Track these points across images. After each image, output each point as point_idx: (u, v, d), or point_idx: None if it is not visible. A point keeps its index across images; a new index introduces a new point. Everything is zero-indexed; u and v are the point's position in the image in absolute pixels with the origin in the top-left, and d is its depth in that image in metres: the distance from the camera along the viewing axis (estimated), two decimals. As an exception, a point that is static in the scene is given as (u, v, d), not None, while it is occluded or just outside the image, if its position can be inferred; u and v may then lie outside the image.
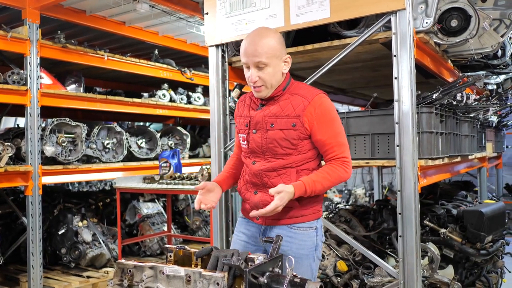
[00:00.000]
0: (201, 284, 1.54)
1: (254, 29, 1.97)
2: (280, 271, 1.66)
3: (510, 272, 3.88)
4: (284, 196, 1.79)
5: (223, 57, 2.86)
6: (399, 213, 2.27)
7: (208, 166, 3.72)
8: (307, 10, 2.44)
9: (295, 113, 1.88)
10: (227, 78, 2.89)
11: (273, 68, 1.88)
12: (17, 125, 7.15)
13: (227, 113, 2.91)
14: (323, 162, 2.01)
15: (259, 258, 1.68)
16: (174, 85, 5.63)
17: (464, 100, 2.56)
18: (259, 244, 2.04)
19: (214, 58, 2.86)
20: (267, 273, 1.57)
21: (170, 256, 1.86)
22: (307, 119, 1.87)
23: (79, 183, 7.48)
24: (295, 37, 2.77)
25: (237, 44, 2.92)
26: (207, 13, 2.83)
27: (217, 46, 2.84)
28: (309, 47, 2.60)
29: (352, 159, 2.67)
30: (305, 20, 2.46)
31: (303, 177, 1.88)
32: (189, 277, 1.58)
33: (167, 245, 1.88)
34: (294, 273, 1.56)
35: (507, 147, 6.73)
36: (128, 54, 4.93)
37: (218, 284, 1.51)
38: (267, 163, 1.93)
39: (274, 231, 1.97)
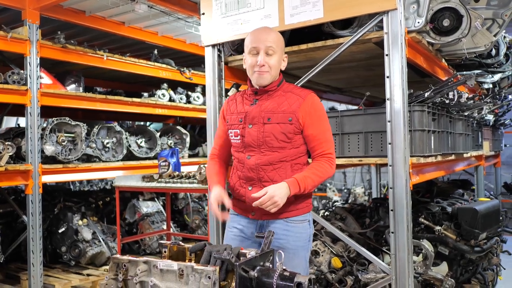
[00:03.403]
0: (193, 277, 1.58)
1: (259, 27, 2.16)
2: (270, 265, 1.69)
3: (505, 269, 3.91)
4: (274, 190, 1.87)
5: (219, 56, 2.90)
6: (391, 210, 2.31)
7: (206, 165, 3.76)
8: (301, 10, 2.48)
9: (291, 109, 2.00)
10: (223, 78, 2.93)
11: (278, 58, 2.03)
12: (18, 124, 7.21)
13: (223, 112, 2.94)
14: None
15: (250, 253, 1.72)
16: (173, 85, 5.67)
17: (456, 99, 2.59)
18: (254, 239, 2.07)
19: (210, 58, 2.90)
20: (258, 267, 1.61)
21: (165, 252, 1.90)
22: (302, 114, 2.00)
23: (80, 182, 7.54)
24: (289, 37, 2.80)
25: (233, 44, 2.96)
26: (203, 14, 2.87)
27: (213, 46, 2.88)
28: (303, 46, 2.63)
29: (346, 157, 2.73)
30: (299, 20, 2.50)
31: (295, 174, 1.98)
32: (182, 271, 1.62)
33: (162, 241, 1.92)
34: (284, 267, 1.60)
35: (505, 145, 6.75)
36: (128, 54, 4.98)
37: (209, 277, 1.54)
38: (264, 157, 2.01)
39: (271, 225, 2.04)
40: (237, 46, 2.97)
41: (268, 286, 1.56)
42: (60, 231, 4.64)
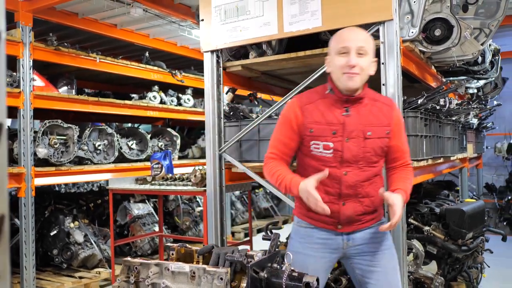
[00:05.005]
0: (206, 279, 1.64)
1: (348, 27, 1.98)
2: (278, 266, 1.77)
3: (489, 267, 4.06)
4: (401, 205, 1.79)
5: (217, 62, 2.95)
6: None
7: (200, 167, 3.81)
8: (300, 19, 2.55)
9: (387, 121, 1.89)
10: (221, 83, 2.98)
11: (369, 61, 1.85)
12: (8, 127, 7.10)
13: (222, 116, 3.00)
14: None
15: (258, 254, 1.79)
16: (164, 87, 5.70)
17: (447, 105, 2.71)
18: (340, 251, 1.96)
19: (209, 63, 2.95)
20: (267, 268, 1.68)
21: (172, 254, 1.96)
22: (393, 125, 1.90)
23: (66, 184, 7.47)
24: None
25: (230, 50, 3.02)
26: (202, 20, 2.92)
27: (212, 51, 2.93)
28: (301, 54, 2.70)
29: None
30: (298, 28, 2.57)
31: (399, 186, 1.89)
32: (194, 273, 1.68)
33: (169, 244, 1.97)
34: (292, 268, 1.68)
35: (487, 147, 6.99)
36: (120, 57, 5.00)
37: (221, 279, 1.61)
38: (362, 173, 1.86)
39: (358, 235, 1.95)
40: (235, 52, 3.04)
41: (278, 286, 1.63)
42: (51, 233, 4.63)
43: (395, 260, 2.00)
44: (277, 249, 1.85)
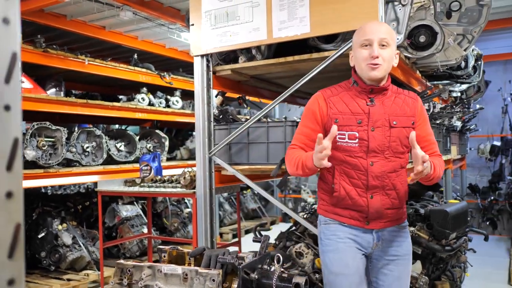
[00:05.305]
0: (198, 281, 1.68)
1: (370, 21, 2.01)
2: (268, 267, 1.82)
3: (472, 266, 4.17)
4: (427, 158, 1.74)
5: (207, 66, 2.99)
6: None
7: (189, 169, 3.83)
8: (289, 25, 2.61)
9: (411, 112, 1.92)
10: (211, 87, 3.02)
11: (391, 52, 1.88)
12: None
13: (211, 119, 3.04)
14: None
15: (248, 256, 1.84)
16: (152, 89, 5.71)
17: (431, 110, 2.79)
18: (369, 250, 1.96)
19: (199, 67, 2.99)
20: (258, 269, 1.73)
21: (164, 256, 1.99)
22: (417, 116, 1.94)
23: (52, 186, 7.42)
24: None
25: (220, 54, 3.06)
26: (192, 25, 2.96)
27: (202, 56, 2.97)
28: (290, 59, 2.76)
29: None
30: (286, 34, 2.63)
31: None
32: (186, 275, 1.72)
33: (161, 246, 2.01)
34: (282, 269, 1.73)
35: (470, 149, 7.14)
36: (109, 59, 4.99)
37: (213, 280, 1.65)
38: (389, 163, 1.88)
39: (386, 233, 1.95)
40: (225, 56, 3.08)
41: (268, 287, 1.68)
42: (39, 236, 4.61)
43: (411, 265, 2.03)
44: (266, 251, 1.90)
